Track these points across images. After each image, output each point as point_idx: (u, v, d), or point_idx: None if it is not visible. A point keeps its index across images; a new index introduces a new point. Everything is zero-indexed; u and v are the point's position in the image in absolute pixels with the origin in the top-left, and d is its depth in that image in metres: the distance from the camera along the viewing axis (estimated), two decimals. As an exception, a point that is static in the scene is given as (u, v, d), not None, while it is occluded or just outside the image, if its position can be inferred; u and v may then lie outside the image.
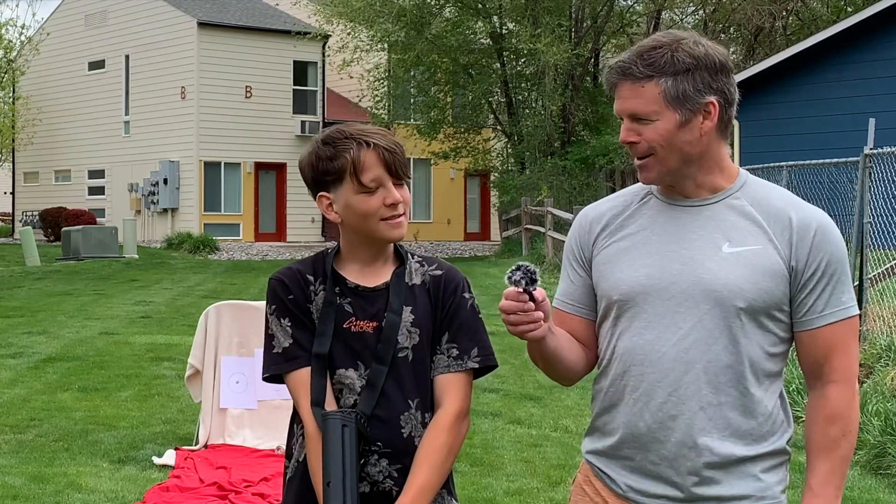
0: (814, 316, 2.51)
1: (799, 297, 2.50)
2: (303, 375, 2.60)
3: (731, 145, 26.96)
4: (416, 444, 2.60)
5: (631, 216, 2.62)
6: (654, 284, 2.52)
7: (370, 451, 2.59)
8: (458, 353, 2.64)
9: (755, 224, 2.51)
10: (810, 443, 2.54)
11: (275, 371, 2.64)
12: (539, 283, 2.41)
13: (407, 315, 2.62)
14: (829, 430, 2.52)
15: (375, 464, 2.59)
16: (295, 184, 35.62)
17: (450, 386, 2.62)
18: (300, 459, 2.65)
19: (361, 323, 2.61)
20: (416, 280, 2.67)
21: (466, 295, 2.69)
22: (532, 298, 2.39)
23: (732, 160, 2.63)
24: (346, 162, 2.59)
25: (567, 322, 2.64)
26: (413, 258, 2.71)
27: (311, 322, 2.62)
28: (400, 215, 2.63)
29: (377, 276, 2.66)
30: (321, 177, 2.63)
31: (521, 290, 2.38)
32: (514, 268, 2.39)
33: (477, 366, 2.65)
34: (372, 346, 2.60)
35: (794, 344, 2.59)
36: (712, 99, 2.48)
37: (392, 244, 2.69)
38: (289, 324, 2.62)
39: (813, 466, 2.53)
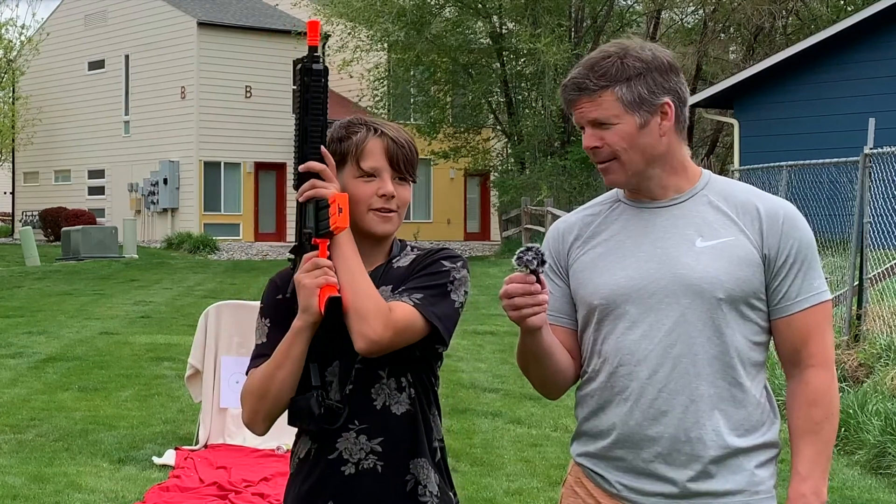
0: (789, 302, 2.56)
1: (773, 284, 2.56)
2: None
3: (731, 145, 26.95)
4: (393, 412, 2.53)
5: (602, 223, 2.68)
6: (634, 285, 2.56)
7: (347, 430, 2.53)
8: (403, 290, 2.51)
9: (725, 217, 2.57)
10: (794, 428, 2.59)
11: (250, 367, 2.63)
12: (547, 265, 2.43)
13: (386, 295, 2.53)
14: (812, 414, 2.56)
15: (355, 442, 2.53)
16: (295, 184, 35.60)
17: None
18: (300, 456, 2.64)
19: None
20: (405, 263, 2.61)
21: (445, 263, 2.55)
22: (538, 280, 2.41)
23: (732, 160, 2.66)
24: (352, 144, 2.58)
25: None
26: (413, 251, 2.66)
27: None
28: (392, 210, 2.57)
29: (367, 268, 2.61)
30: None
31: (530, 270, 2.39)
32: (523, 249, 2.41)
33: (411, 304, 2.45)
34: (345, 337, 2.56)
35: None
36: (667, 99, 2.56)
37: (388, 243, 2.63)
38: (267, 323, 2.62)
39: (799, 450, 2.57)
